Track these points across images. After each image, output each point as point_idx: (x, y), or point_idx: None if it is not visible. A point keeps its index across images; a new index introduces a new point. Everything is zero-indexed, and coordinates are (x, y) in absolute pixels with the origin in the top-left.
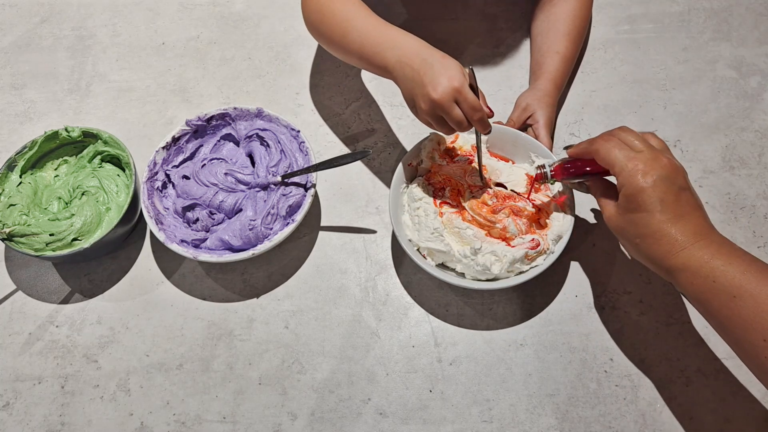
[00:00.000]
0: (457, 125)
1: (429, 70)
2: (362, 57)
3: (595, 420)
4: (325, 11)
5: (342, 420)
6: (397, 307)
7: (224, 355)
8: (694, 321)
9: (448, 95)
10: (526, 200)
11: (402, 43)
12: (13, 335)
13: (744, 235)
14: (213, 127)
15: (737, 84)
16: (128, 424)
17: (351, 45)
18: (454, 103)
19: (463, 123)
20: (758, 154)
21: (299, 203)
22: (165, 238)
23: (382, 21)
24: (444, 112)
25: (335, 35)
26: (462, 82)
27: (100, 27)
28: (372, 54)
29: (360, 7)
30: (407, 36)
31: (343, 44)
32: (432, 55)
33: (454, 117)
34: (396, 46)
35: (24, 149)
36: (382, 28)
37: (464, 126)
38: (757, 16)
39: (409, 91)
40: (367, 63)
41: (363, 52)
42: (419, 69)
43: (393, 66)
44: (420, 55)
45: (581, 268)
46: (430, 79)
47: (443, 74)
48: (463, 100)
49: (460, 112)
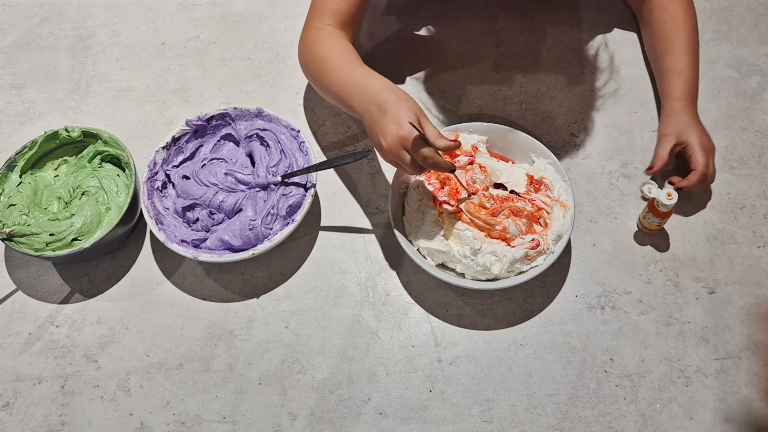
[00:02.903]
0: (412, 171)
1: (381, 118)
2: (337, 99)
3: (595, 420)
4: (309, 53)
5: (342, 420)
6: (397, 307)
7: (224, 355)
8: (694, 321)
9: (396, 144)
10: (526, 201)
11: (366, 87)
12: (13, 335)
13: (744, 235)
14: (213, 127)
15: (737, 84)
16: (128, 424)
17: (328, 87)
18: (404, 151)
19: (417, 169)
20: (758, 154)
21: (299, 203)
22: (165, 238)
23: (355, 62)
24: (398, 159)
25: (316, 77)
26: (408, 131)
27: (100, 27)
28: (343, 97)
29: (338, 49)
30: (372, 79)
31: (322, 86)
32: (387, 100)
33: (407, 164)
34: (361, 91)
35: (24, 149)
36: (351, 71)
37: (420, 171)
38: (757, 16)
39: (371, 137)
40: (343, 105)
41: (337, 95)
42: (375, 116)
43: (359, 112)
44: (376, 101)
45: (581, 268)
46: (381, 127)
47: (392, 122)
48: (410, 149)
49: (410, 158)
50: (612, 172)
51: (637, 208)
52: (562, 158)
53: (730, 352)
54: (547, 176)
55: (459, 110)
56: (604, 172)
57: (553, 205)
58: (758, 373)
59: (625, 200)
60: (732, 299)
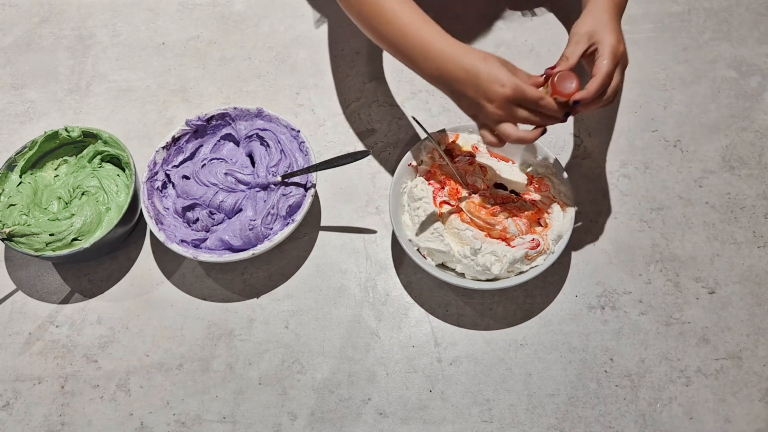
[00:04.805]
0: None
1: (477, 83)
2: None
3: (595, 420)
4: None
5: (342, 420)
6: (397, 307)
7: (224, 355)
8: (694, 321)
9: (505, 104)
10: (526, 201)
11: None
12: (13, 335)
13: (744, 235)
14: (213, 127)
15: (737, 84)
16: (128, 424)
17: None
18: (516, 107)
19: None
20: (758, 154)
21: (299, 203)
22: (165, 238)
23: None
24: (512, 118)
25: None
26: (513, 85)
27: (100, 27)
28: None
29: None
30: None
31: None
32: (473, 63)
33: (523, 118)
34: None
35: (24, 149)
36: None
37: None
38: (757, 16)
39: (466, 107)
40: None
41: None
42: (467, 83)
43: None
44: (462, 66)
45: (581, 268)
46: (482, 92)
47: (493, 83)
48: (523, 101)
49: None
50: (612, 172)
51: (637, 208)
52: (562, 158)
53: (730, 352)
54: (547, 176)
55: (459, 110)
56: (604, 172)
57: (553, 205)
58: (758, 373)
59: (625, 200)
60: (732, 299)
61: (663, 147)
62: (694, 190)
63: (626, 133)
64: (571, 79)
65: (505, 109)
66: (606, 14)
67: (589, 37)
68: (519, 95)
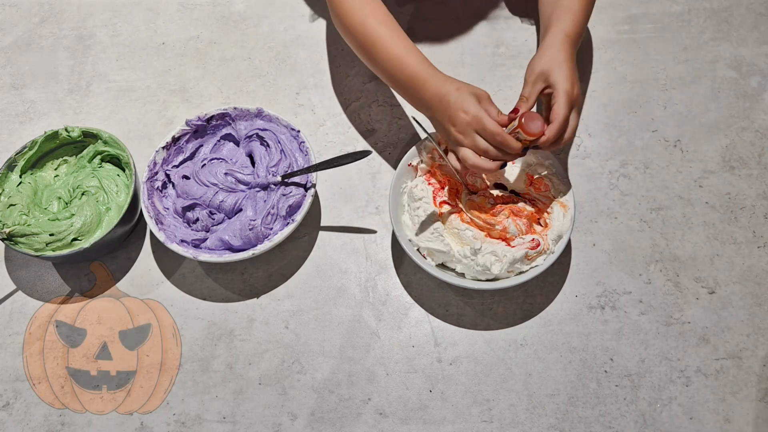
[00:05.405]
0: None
1: (446, 109)
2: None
3: (595, 420)
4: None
5: (342, 420)
6: (397, 307)
7: (224, 355)
8: (694, 321)
9: (466, 129)
10: (526, 201)
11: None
12: (13, 335)
13: (744, 235)
14: (213, 127)
15: (737, 84)
16: (128, 424)
17: (379, 68)
18: (476, 135)
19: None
20: (758, 154)
21: (299, 203)
22: (165, 238)
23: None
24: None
25: (363, 53)
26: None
27: (100, 27)
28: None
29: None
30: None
31: (370, 63)
32: (448, 92)
33: (480, 149)
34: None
35: (24, 149)
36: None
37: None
38: (757, 16)
39: (440, 131)
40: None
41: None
42: (439, 108)
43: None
44: (438, 95)
45: (581, 268)
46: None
47: (458, 110)
48: (481, 130)
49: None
50: (612, 172)
51: (636, 208)
52: (562, 158)
53: (730, 352)
54: (547, 176)
55: None
56: (604, 172)
57: (553, 205)
58: (758, 373)
59: (625, 200)
60: (732, 299)
61: (663, 147)
62: (694, 190)
63: (626, 133)
64: (537, 120)
65: (466, 135)
66: (561, 53)
67: (544, 78)
68: (478, 124)
